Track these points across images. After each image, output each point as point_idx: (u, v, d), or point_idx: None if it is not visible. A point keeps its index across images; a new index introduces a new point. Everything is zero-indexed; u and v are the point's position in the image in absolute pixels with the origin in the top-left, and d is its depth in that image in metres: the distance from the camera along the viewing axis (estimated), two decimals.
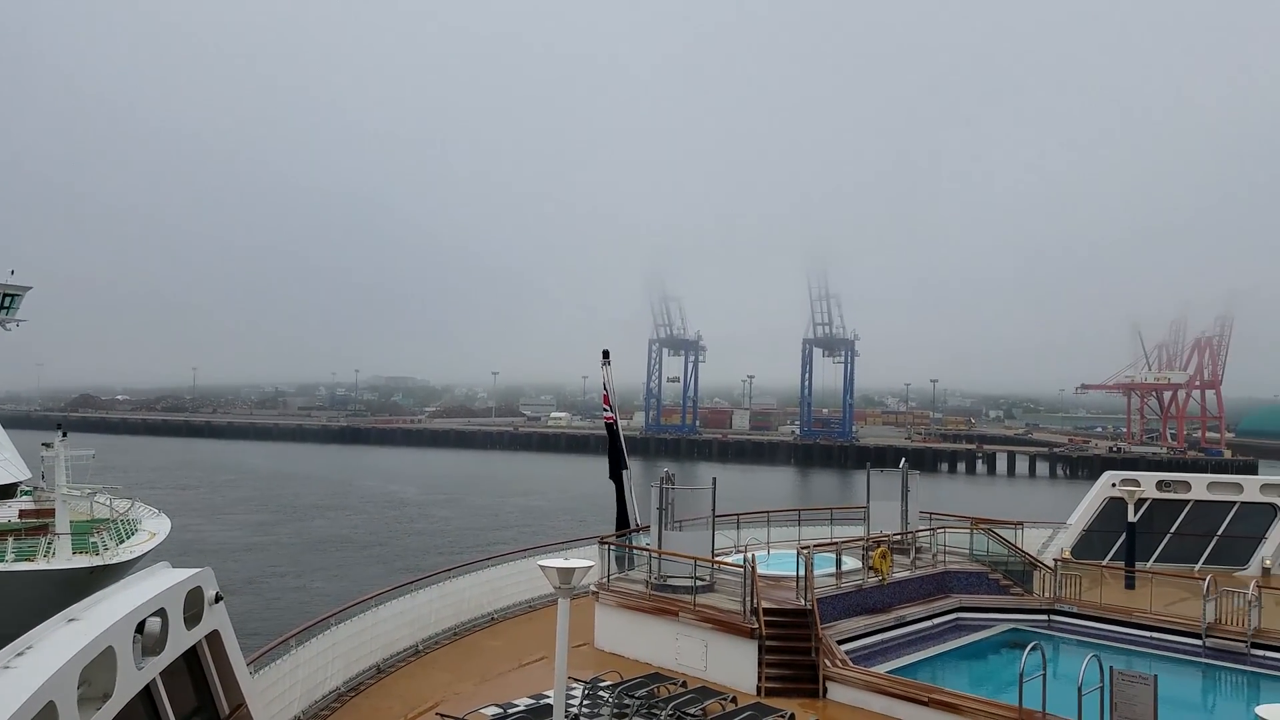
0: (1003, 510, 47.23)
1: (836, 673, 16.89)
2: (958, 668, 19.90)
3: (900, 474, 26.72)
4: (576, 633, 19.40)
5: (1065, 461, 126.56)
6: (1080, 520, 30.98)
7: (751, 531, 25.85)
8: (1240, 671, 19.70)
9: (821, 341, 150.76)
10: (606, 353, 25.32)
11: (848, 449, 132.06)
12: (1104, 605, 23.10)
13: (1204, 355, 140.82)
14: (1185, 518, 30.98)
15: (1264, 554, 29.71)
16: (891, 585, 21.72)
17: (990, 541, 25.41)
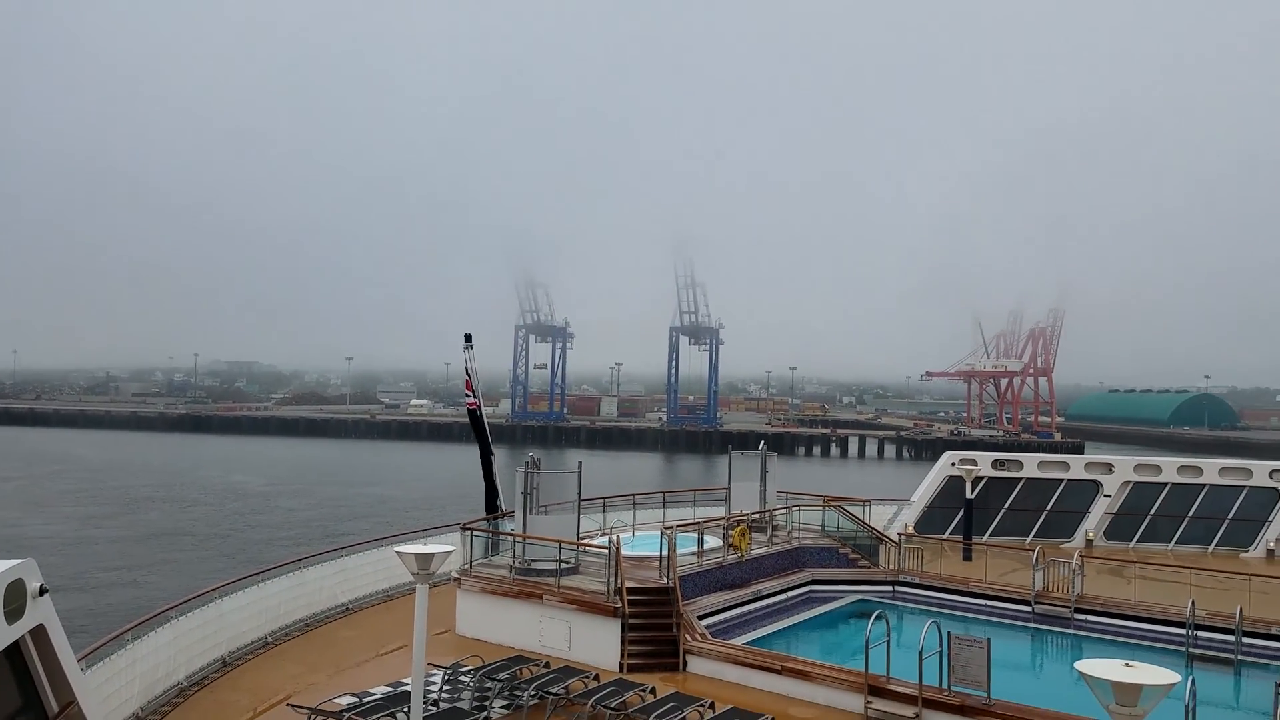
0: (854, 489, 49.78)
1: (696, 646, 17.45)
2: (810, 637, 20.95)
3: (760, 456, 27.75)
4: (437, 620, 19.20)
5: (911, 444, 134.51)
6: (923, 497, 33.07)
7: (617, 514, 26.22)
8: (1064, 634, 21.62)
9: (688, 330, 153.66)
10: (469, 337, 25.00)
11: (712, 434, 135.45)
12: (944, 576, 24.82)
13: (1038, 345, 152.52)
14: (1018, 494, 33.65)
15: (1087, 527, 32.68)
16: (750, 561, 22.57)
17: (841, 518, 26.81)
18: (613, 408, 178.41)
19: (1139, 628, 20.93)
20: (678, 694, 14.95)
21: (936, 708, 14.67)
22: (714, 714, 13.99)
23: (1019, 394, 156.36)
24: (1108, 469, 33.85)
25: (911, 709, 14.78)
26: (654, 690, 15.10)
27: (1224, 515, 31.62)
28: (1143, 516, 32.47)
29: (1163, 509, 32.38)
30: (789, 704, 15.38)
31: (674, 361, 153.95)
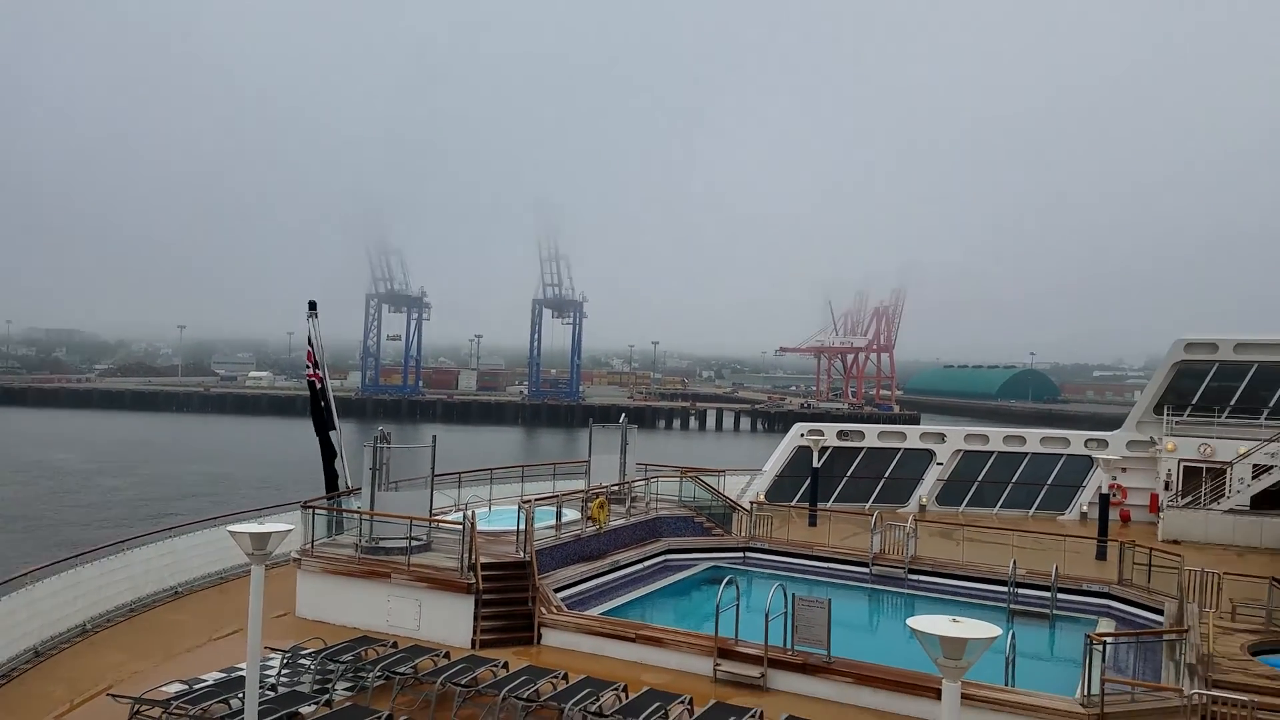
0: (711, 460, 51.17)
1: (551, 619, 17.46)
2: (665, 605, 21.40)
3: (620, 429, 27.98)
4: (276, 602, 18.39)
5: (765, 416, 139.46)
6: (773, 467, 34.34)
7: (474, 490, 25.79)
8: (899, 594, 23.00)
9: (551, 303, 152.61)
10: (313, 304, 23.78)
11: (574, 408, 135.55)
12: (791, 541, 25.90)
13: (881, 322, 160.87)
14: (860, 463, 35.51)
15: (921, 493, 34.88)
16: (608, 533, 22.76)
17: (697, 488, 27.47)
18: (472, 381, 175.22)
19: (966, 586, 22.54)
20: (531, 667, 14.92)
21: (781, 667, 15.32)
22: (567, 684, 14.04)
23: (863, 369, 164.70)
24: (940, 439, 36.20)
25: (758, 669, 15.36)
26: (506, 665, 15.00)
27: (1044, 481, 34.48)
28: (971, 483, 34.97)
29: (989, 476, 34.97)
30: (642, 670, 15.65)
31: (536, 334, 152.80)
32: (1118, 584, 21.30)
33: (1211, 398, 32.88)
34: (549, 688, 13.97)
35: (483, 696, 13.93)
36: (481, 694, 13.97)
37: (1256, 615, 18.55)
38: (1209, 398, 32.92)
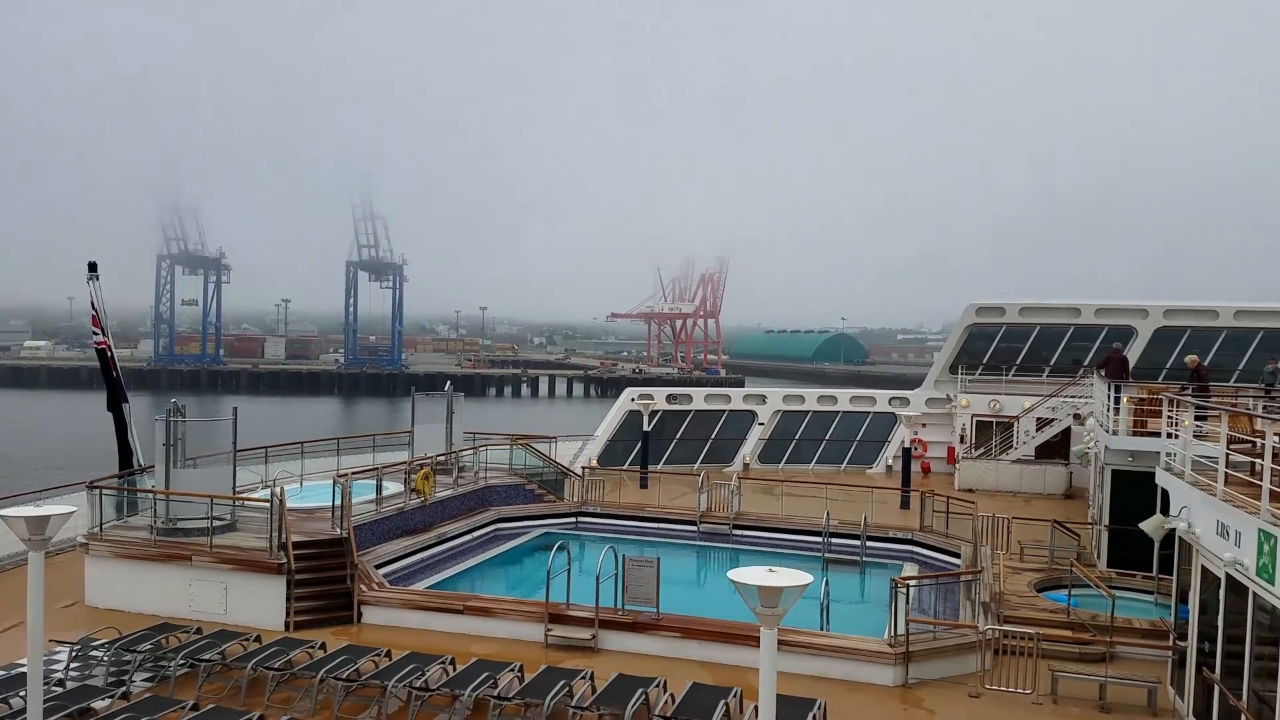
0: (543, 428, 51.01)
1: (372, 596, 16.96)
2: (496, 575, 21.29)
3: (446, 398, 27.36)
4: (62, 592, 16.88)
5: (597, 382, 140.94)
6: (605, 432, 34.77)
7: (284, 464, 24.51)
8: (725, 549, 23.98)
9: (368, 265, 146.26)
10: (94, 265, 21.65)
11: (397, 377, 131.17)
12: (622, 504, 26.39)
13: (708, 289, 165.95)
14: (688, 425, 36.59)
15: (745, 452, 36.42)
16: (434, 505, 22.29)
17: (529, 456, 27.39)
18: (280, 349, 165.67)
19: (785, 538, 23.80)
20: (351, 646, 14.43)
21: (612, 627, 15.63)
22: (390, 661, 13.70)
23: (691, 334, 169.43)
24: (762, 400, 37.90)
25: (589, 631, 15.60)
26: (324, 646, 14.43)
27: (854, 438, 36.84)
28: (790, 441, 36.88)
29: (806, 434, 36.98)
30: (471, 642, 15.51)
31: (352, 299, 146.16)
32: (920, 531, 23.13)
33: (1000, 357, 36.18)
34: (371, 666, 13.58)
35: (299, 679, 13.37)
36: (297, 677, 13.41)
37: (1041, 555, 20.70)
38: (998, 357, 36.21)
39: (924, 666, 14.24)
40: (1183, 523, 12.46)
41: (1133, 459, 19.66)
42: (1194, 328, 33.60)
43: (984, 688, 13.77)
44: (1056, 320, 35.84)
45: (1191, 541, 12.37)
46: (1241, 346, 31.14)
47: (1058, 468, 31.24)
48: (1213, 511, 11.29)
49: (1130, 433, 20.07)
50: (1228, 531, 10.80)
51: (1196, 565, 12.29)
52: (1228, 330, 33.12)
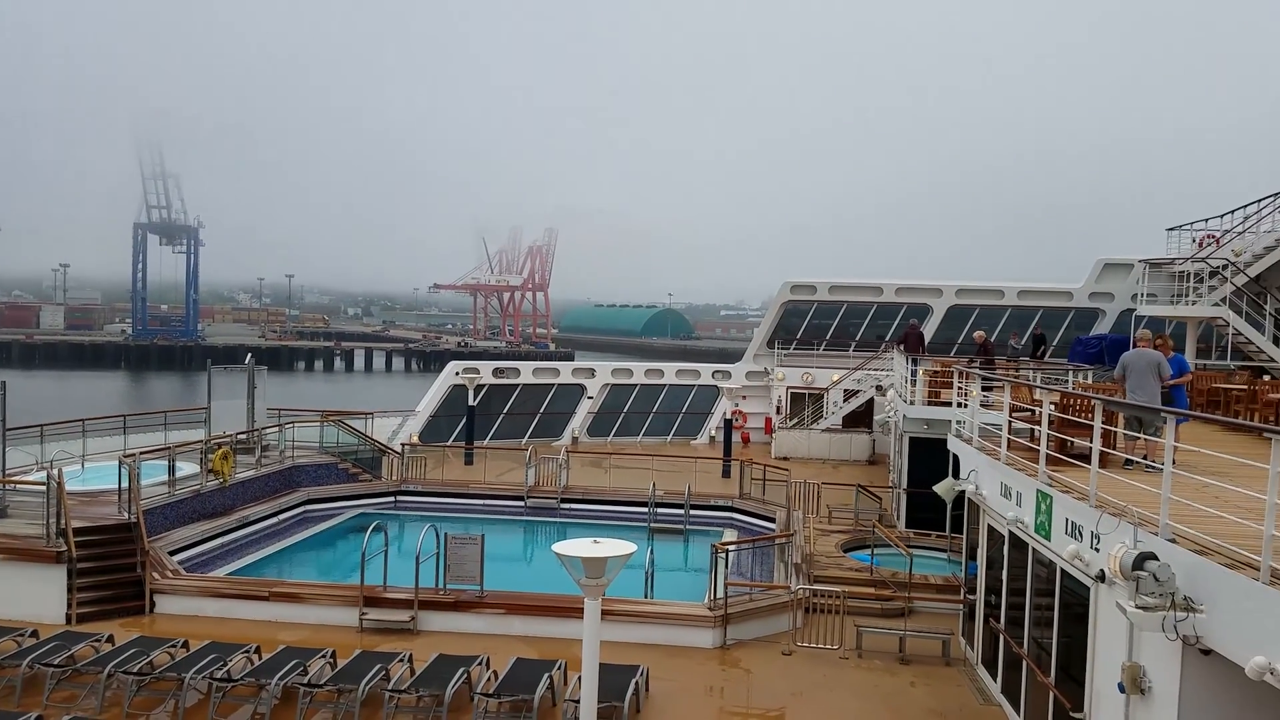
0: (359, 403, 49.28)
1: (166, 584, 15.85)
2: (305, 559, 20.41)
3: (247, 372, 25.79)
4: None
5: (420, 356, 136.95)
6: (428, 407, 33.97)
7: (64, 444, 22.37)
8: (553, 523, 24.08)
9: (158, 227, 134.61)
10: None
11: (193, 349, 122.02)
12: (445, 481, 25.93)
13: (536, 261, 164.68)
14: (516, 399, 36.37)
15: (574, 425, 36.66)
16: (234, 486, 21.07)
17: (341, 433, 26.32)
18: (58, 318, 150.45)
19: (613, 510, 24.22)
20: (143, 638, 13.44)
21: (433, 607, 15.35)
22: (188, 653, 12.86)
23: (519, 307, 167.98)
24: (591, 374, 38.24)
25: (408, 613, 15.26)
26: (112, 639, 13.37)
27: (680, 410, 37.90)
28: (619, 414, 37.45)
29: (634, 406, 37.68)
30: (278, 629, 14.80)
31: (140, 264, 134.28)
32: (739, 498, 24.17)
33: (812, 333, 38.25)
34: (166, 658, 12.71)
35: (83, 675, 12.34)
36: (81, 673, 12.36)
37: (848, 518, 22.13)
38: (810, 333, 38.27)
39: (742, 627, 14.92)
40: (971, 485, 13.67)
41: (928, 427, 21.34)
42: (982, 306, 36.79)
43: (796, 645, 14.61)
44: (862, 298, 38.21)
45: (979, 502, 13.59)
46: (1024, 323, 34.37)
47: (862, 436, 33.44)
48: (997, 474, 12.44)
49: (925, 403, 21.77)
50: (1010, 492, 11.93)
51: (983, 524, 13.53)
52: (1012, 308, 36.46)
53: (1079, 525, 9.45)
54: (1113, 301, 35.02)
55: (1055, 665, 10.49)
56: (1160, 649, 7.77)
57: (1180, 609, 7.15)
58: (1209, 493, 8.54)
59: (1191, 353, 24.61)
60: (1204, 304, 23.08)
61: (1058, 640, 10.46)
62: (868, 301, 38.24)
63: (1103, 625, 9.07)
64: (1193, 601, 7.19)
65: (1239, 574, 6.81)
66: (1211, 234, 26.40)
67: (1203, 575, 7.21)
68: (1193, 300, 23.34)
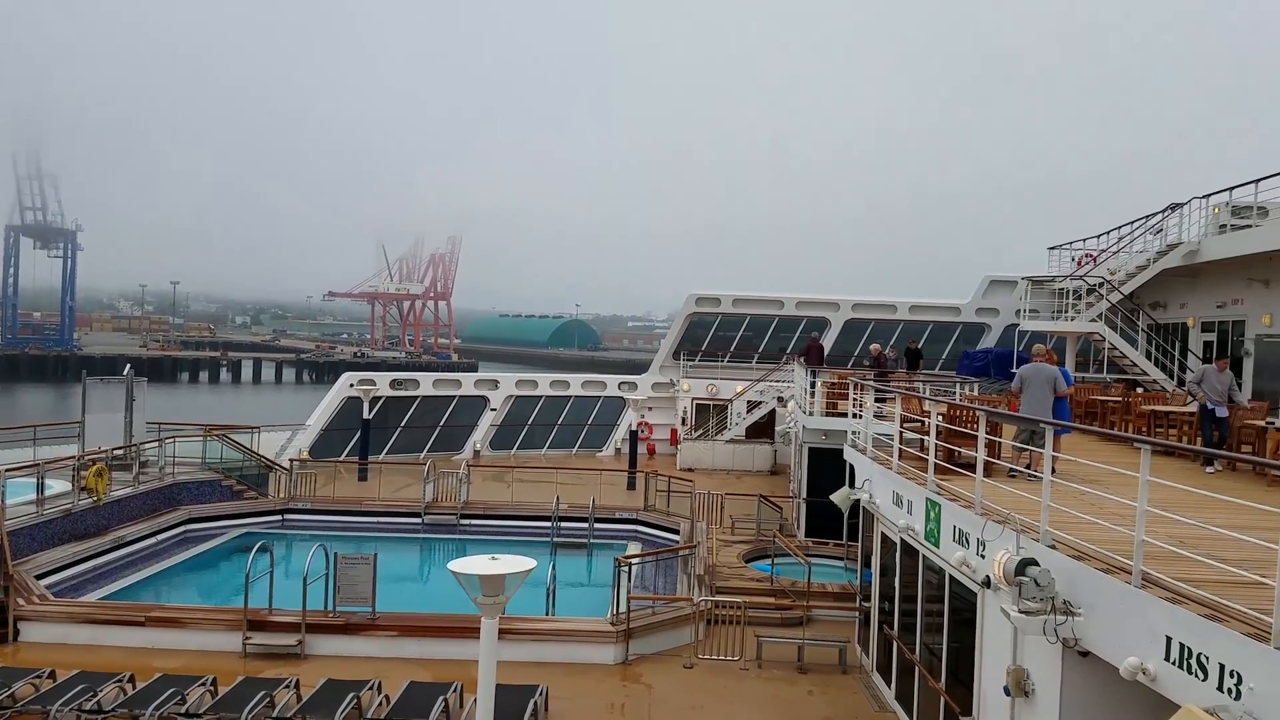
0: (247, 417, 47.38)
1: (30, 610, 14.87)
2: (186, 581, 19.47)
3: (125, 384, 24.52)
4: None
5: (312, 367, 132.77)
6: (319, 420, 32.93)
7: None
8: (452, 540, 23.60)
9: (33, 230, 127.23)
10: None
11: (68, 359, 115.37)
12: (337, 498, 25.14)
13: (438, 269, 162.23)
14: (414, 412, 35.61)
15: (476, 439, 36.12)
16: (110, 505, 19.97)
17: (225, 448, 25.26)
18: None
19: (515, 525, 23.93)
20: (6, 669, 12.57)
21: (321, 631, 14.82)
22: (55, 683, 12.06)
23: (420, 317, 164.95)
24: (494, 385, 37.77)
25: (294, 637, 14.69)
26: None
27: (585, 422, 37.80)
28: (523, 426, 37.10)
29: (539, 419, 37.39)
30: (155, 657, 14.03)
31: (12, 269, 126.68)
32: (643, 511, 24.21)
33: (717, 344, 38.81)
34: (30, 689, 11.90)
35: None
36: None
37: (750, 528, 22.42)
38: (715, 344, 38.81)
39: (644, 642, 14.90)
40: (865, 494, 14.02)
41: (826, 437, 21.85)
42: (877, 320, 38.01)
43: (698, 658, 14.68)
44: (764, 311, 38.97)
45: (873, 511, 13.95)
46: (915, 335, 35.65)
47: (765, 446, 34.00)
48: (889, 483, 12.80)
49: (824, 414, 22.29)
50: (902, 501, 12.28)
51: (877, 533, 13.90)
52: (904, 322, 37.77)
53: (966, 532, 9.78)
54: (998, 317, 36.64)
55: (946, 670, 10.82)
56: (1042, 652, 8.09)
57: (1060, 613, 7.47)
58: (1087, 500, 8.96)
59: (1071, 366, 25.87)
60: (1082, 320, 24.31)
61: (948, 646, 10.79)
62: (770, 314, 38.99)
63: (989, 630, 9.40)
64: (1071, 605, 7.51)
65: (1113, 578, 7.16)
66: (1090, 254, 27.90)
67: (1080, 580, 7.55)
68: (1071, 316, 24.55)
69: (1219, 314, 24.16)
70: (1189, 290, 25.32)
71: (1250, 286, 22.43)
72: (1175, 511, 7.61)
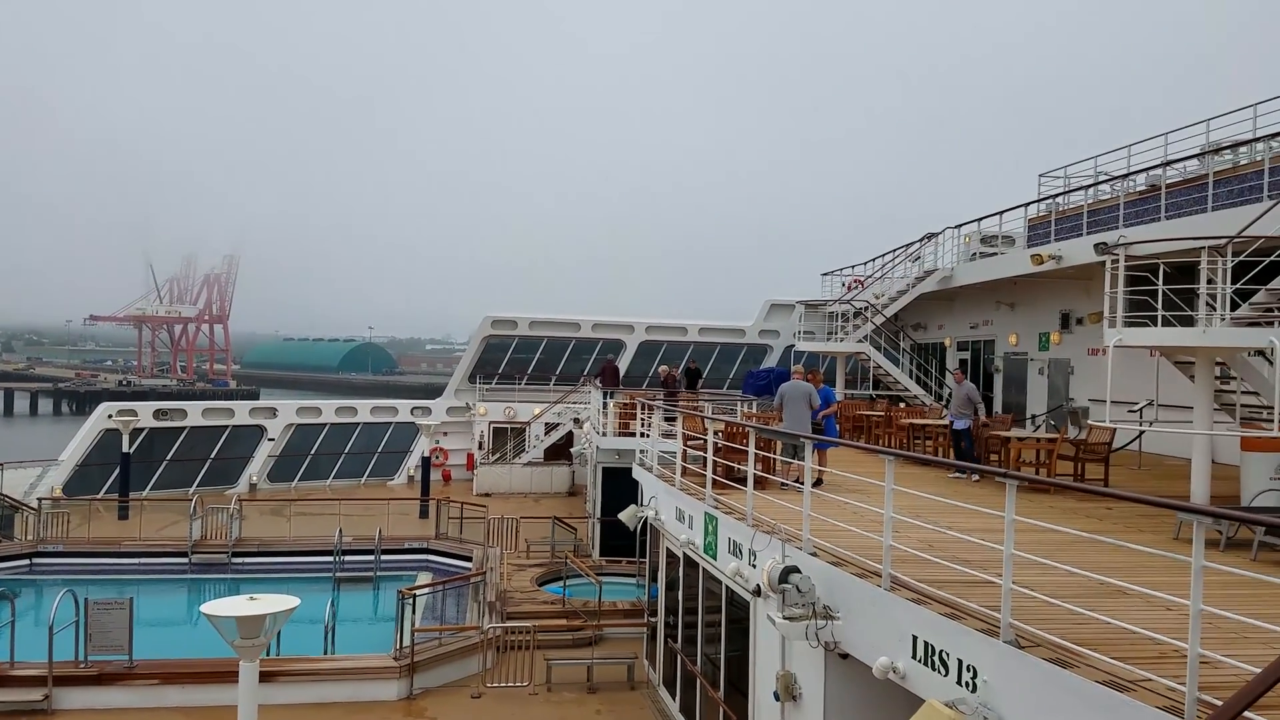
0: None
1: None
2: None
3: None
4: None
5: (73, 397, 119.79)
6: (74, 455, 29.72)
7: None
8: (223, 580, 21.80)
9: None
10: None
11: None
12: (94, 539, 22.73)
13: (213, 291, 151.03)
14: (182, 444, 32.84)
15: (251, 471, 33.70)
16: None
17: None
18: None
19: (295, 561, 22.46)
20: None
21: (71, 683, 13.39)
22: None
23: (194, 341, 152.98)
24: (272, 413, 35.45)
25: (40, 691, 13.13)
26: None
27: (375, 449, 36.26)
28: (305, 456, 35.04)
29: (323, 448, 35.47)
30: None
31: None
32: (435, 539, 23.46)
33: (514, 367, 38.49)
34: None
35: None
36: None
37: (545, 551, 22.26)
38: (512, 367, 38.49)
39: (430, 674, 14.37)
40: (651, 511, 14.28)
41: (619, 457, 22.13)
42: (669, 341, 39.16)
43: (486, 686, 14.32)
44: (561, 333, 39.12)
45: (659, 527, 14.22)
46: (705, 357, 37.02)
47: (562, 468, 34.02)
48: (673, 500, 13.10)
49: (616, 434, 22.59)
50: (684, 516, 12.60)
51: (663, 548, 14.17)
52: (694, 344, 39.13)
53: (739, 544, 10.14)
54: (779, 338, 38.74)
55: (724, 680, 11.14)
56: (807, 657, 8.48)
57: (820, 617, 7.85)
58: (847, 509, 9.52)
59: (842, 384, 27.74)
60: (850, 341, 26.12)
61: (726, 656, 11.12)
62: (567, 337, 39.17)
63: (761, 638, 9.76)
64: (831, 610, 7.91)
65: (867, 582, 7.61)
66: (858, 279, 30.10)
67: (838, 585, 7.98)
68: (841, 338, 26.31)
69: (972, 334, 26.72)
70: (945, 312, 27.85)
71: (998, 309, 24.96)
72: (927, 518, 8.24)
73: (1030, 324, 23.52)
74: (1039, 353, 23.22)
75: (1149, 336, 11.08)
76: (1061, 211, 21.05)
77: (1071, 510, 11.06)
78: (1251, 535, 9.00)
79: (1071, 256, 18.30)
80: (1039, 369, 23.25)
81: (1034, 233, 22.50)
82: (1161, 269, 10.60)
